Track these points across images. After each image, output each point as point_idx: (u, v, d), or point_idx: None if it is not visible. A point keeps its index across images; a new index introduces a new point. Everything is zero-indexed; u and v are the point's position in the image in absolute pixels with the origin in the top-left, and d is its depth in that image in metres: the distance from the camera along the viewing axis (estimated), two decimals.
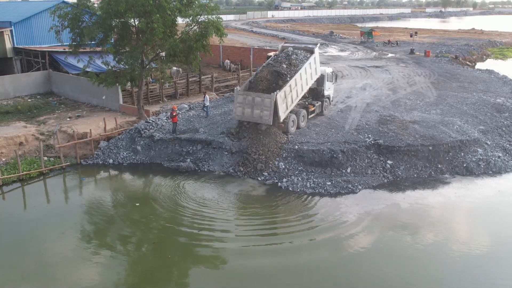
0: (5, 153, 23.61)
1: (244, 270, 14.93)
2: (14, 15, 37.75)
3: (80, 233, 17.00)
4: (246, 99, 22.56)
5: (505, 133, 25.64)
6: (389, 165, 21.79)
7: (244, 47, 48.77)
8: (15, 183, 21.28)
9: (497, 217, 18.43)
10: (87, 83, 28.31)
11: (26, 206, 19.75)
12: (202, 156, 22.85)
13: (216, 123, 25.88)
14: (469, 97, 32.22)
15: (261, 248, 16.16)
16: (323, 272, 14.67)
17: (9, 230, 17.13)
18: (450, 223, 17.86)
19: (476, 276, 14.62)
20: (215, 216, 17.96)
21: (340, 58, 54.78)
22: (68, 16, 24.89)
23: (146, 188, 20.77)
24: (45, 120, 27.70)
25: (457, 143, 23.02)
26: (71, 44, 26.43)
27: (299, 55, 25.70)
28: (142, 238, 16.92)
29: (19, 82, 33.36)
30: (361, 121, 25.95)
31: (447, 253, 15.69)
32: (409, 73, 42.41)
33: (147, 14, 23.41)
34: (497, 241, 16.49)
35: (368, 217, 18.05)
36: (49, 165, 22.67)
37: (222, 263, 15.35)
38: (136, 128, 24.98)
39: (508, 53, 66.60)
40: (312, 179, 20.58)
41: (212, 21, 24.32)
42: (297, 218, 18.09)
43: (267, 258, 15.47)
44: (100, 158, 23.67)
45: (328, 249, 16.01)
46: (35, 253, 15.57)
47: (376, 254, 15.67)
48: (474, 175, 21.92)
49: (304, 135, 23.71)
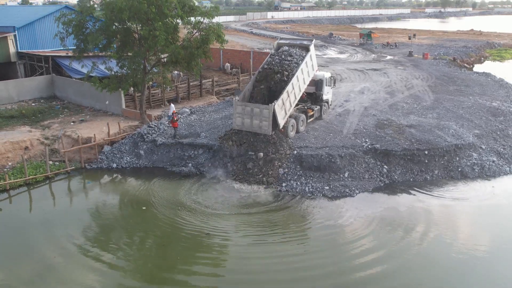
0: (11, 157, 24.17)
1: (245, 270, 15.53)
2: (17, 20, 38.27)
3: (88, 235, 17.60)
4: (245, 109, 23.02)
5: (499, 137, 26.16)
6: (386, 169, 22.35)
7: (244, 51, 49.28)
8: (22, 187, 21.83)
9: (491, 219, 18.99)
10: (90, 87, 28.81)
11: (35, 210, 20.27)
12: (203, 161, 23.42)
13: (217, 128, 26.41)
14: (466, 100, 32.77)
15: (262, 249, 16.75)
16: (322, 272, 15.31)
17: (20, 233, 17.67)
18: (445, 225, 18.40)
19: (471, 275, 15.21)
20: (217, 219, 18.53)
21: (339, 61, 55.34)
22: (72, 23, 25.44)
23: (150, 192, 21.28)
24: (49, 125, 28.25)
25: (452, 147, 23.55)
26: (75, 50, 27.01)
27: (294, 56, 25.38)
28: (150, 241, 17.58)
29: (23, 87, 33.91)
30: (359, 125, 26.49)
31: (444, 253, 16.32)
32: (407, 76, 42.96)
33: (150, 21, 23.96)
34: (492, 243, 17.10)
35: (365, 219, 18.62)
36: (54, 169, 23.23)
37: (223, 264, 16.06)
38: (139, 133, 25.54)
39: (506, 55, 67.15)
40: (310, 183, 21.14)
41: (213, 28, 24.89)
42: (296, 221, 18.69)
43: (267, 259, 16.03)
44: (104, 162, 24.22)
45: (326, 250, 16.58)
46: (44, 255, 16.12)
47: (373, 254, 16.24)
48: (468, 179, 22.48)
49: (303, 139, 24.25)
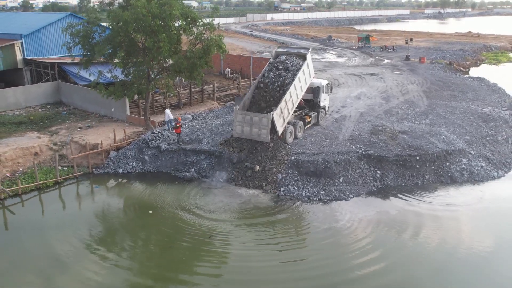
0: (22, 163, 25.32)
1: (247, 270, 16.68)
2: (24, 28, 39.45)
3: (97, 236, 18.85)
4: (244, 118, 24.13)
5: (488, 143, 27.30)
6: (379, 174, 23.50)
7: (244, 56, 50.45)
8: (33, 192, 23.03)
9: (478, 222, 20.18)
10: (95, 93, 29.89)
11: (48, 213, 21.46)
12: (205, 166, 24.55)
13: (218, 134, 27.53)
14: (458, 106, 33.88)
15: (262, 250, 17.92)
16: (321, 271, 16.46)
17: (35, 235, 18.84)
18: (433, 228, 19.53)
19: (456, 273, 16.37)
20: (219, 222, 19.69)
21: (337, 65, 56.48)
22: (79, 34, 26.60)
23: (156, 196, 22.39)
24: (57, 130, 29.39)
25: (442, 153, 24.67)
26: (82, 59, 28.20)
27: (290, 66, 26.24)
28: (155, 242, 18.76)
29: (30, 93, 35.08)
30: (354, 131, 27.59)
31: (431, 254, 17.50)
32: (403, 81, 44.04)
33: (154, 33, 25.11)
34: (479, 245, 18.28)
35: (359, 222, 19.80)
36: (63, 174, 24.40)
37: (225, 265, 17.24)
38: (144, 139, 26.70)
39: (501, 58, 68.27)
40: (307, 188, 22.29)
41: (215, 39, 26.04)
42: (294, 224, 19.86)
43: (268, 260, 17.20)
44: (111, 167, 25.39)
45: (323, 251, 17.75)
46: (58, 255, 17.29)
47: (367, 254, 17.44)
48: (458, 183, 23.62)
49: (300, 145, 25.38)
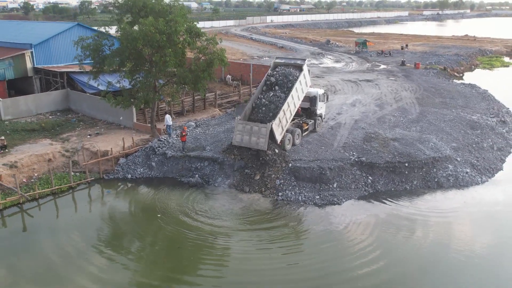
0: (37, 169, 27.08)
1: (247, 270, 18.35)
2: (33, 37, 41.22)
3: (109, 238, 20.62)
4: (245, 127, 25.73)
5: (474, 150, 29.03)
6: (370, 180, 25.25)
7: (244, 63, 52.19)
8: (49, 196, 24.77)
9: (462, 226, 21.90)
10: (103, 101, 31.47)
11: (63, 216, 23.14)
12: (208, 172, 26.31)
13: (221, 141, 29.25)
14: (448, 113, 35.60)
15: (262, 251, 19.59)
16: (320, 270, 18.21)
17: (53, 237, 20.62)
18: (419, 231, 21.28)
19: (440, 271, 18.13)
20: (221, 225, 21.43)
21: (335, 71, 58.23)
22: (90, 47, 28.36)
23: (162, 200, 24.13)
24: (68, 137, 31.13)
25: (430, 160, 26.41)
26: (92, 71, 29.99)
27: (287, 78, 27.68)
28: (162, 244, 20.49)
29: (41, 101, 36.88)
30: (348, 139, 29.31)
31: (419, 255, 19.24)
32: (397, 87, 45.72)
33: (161, 48, 26.86)
34: (462, 247, 19.97)
35: (352, 224, 21.60)
36: (76, 180, 26.15)
37: (225, 265, 18.94)
38: (151, 146, 28.45)
39: (495, 63, 70.04)
40: (303, 193, 24.03)
41: (217, 53, 27.80)
42: (292, 226, 21.61)
43: (267, 261, 18.88)
44: (120, 173, 27.16)
45: (320, 253, 19.48)
46: (73, 255, 19.02)
47: (360, 255, 19.11)
48: (444, 188, 25.36)
49: (297, 152, 27.11)
